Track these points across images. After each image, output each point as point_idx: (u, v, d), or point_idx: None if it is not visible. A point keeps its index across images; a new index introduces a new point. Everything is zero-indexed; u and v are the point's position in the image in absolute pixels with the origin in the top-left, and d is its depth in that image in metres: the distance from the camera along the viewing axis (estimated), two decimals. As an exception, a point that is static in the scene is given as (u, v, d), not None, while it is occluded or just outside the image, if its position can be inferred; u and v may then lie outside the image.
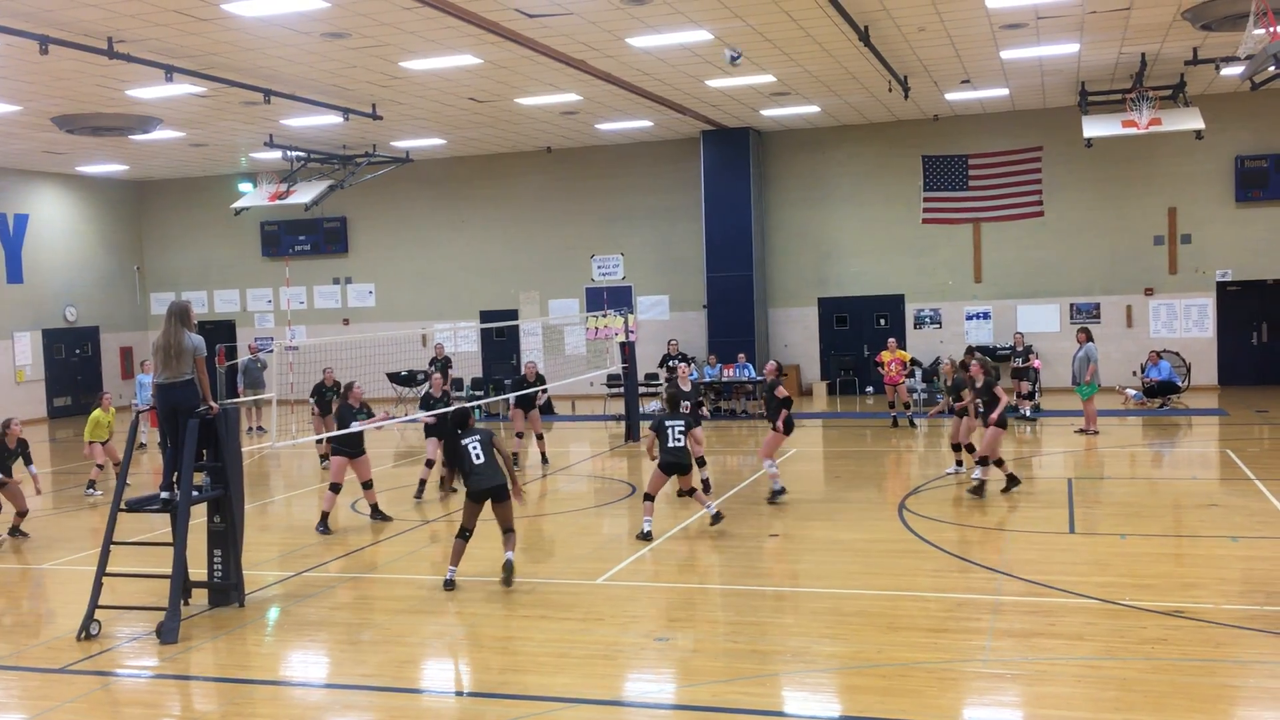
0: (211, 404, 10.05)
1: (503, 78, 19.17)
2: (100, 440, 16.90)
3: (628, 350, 21.31)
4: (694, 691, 7.83)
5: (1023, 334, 22.84)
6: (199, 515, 10.56)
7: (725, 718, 7.36)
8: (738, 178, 26.20)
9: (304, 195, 24.39)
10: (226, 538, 10.27)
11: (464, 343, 29.04)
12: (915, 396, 23.26)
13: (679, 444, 12.32)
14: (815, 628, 9.04)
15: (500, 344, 28.98)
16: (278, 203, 24.63)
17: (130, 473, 11.12)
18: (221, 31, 15.31)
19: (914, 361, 21.85)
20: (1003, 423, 13.86)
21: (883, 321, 26.69)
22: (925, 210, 26.02)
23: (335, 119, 21.24)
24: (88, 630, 9.44)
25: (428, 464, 15.44)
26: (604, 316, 24.26)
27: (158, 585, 10.01)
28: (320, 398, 17.92)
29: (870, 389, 26.36)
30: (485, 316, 28.83)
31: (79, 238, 30.17)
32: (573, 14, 15.21)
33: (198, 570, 10.47)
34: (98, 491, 16.88)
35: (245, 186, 26.63)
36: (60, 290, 29.47)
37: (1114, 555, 10.96)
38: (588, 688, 7.89)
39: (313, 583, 11.20)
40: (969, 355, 21.65)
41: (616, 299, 27.39)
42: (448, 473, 11.33)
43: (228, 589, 10.30)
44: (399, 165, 26.35)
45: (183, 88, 18.34)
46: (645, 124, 24.91)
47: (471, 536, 10.62)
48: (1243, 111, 23.77)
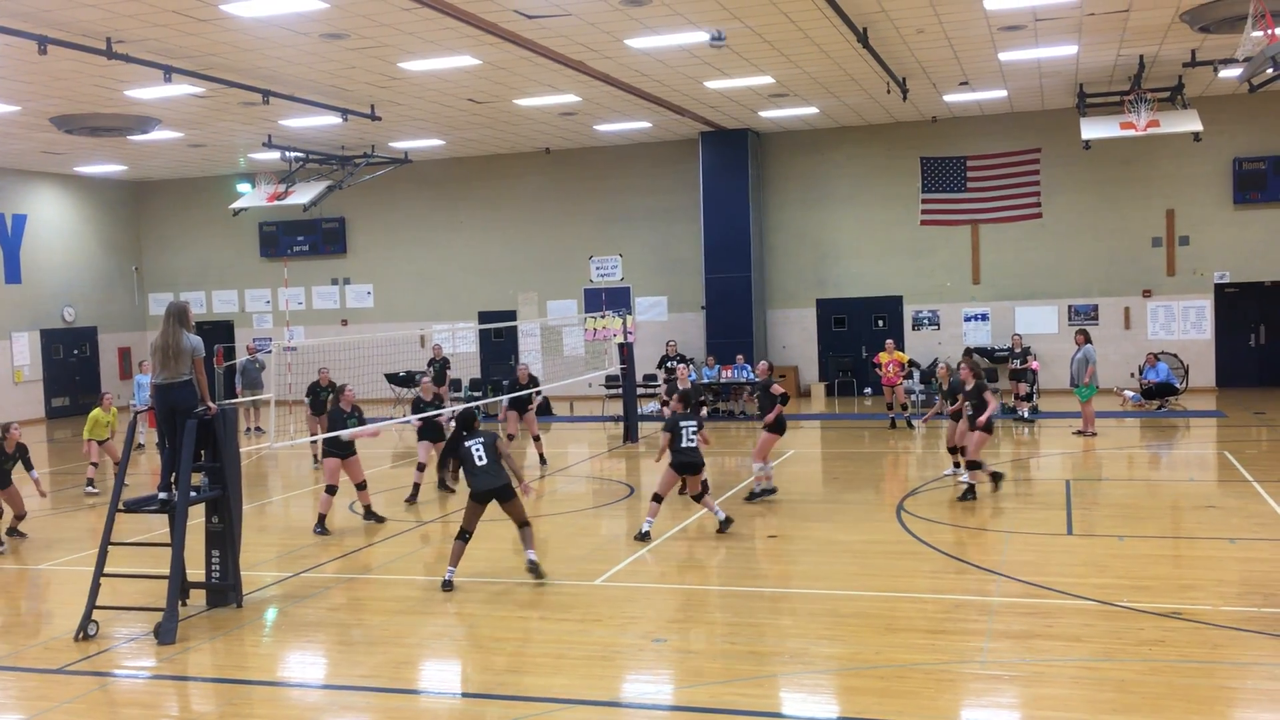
0: (210, 404, 10.05)
1: (501, 79, 19.17)
2: (99, 439, 16.94)
3: (626, 351, 21.30)
4: (692, 693, 7.83)
5: (1021, 335, 22.84)
6: (197, 516, 10.56)
7: (723, 719, 7.36)
8: (736, 179, 26.20)
9: (302, 196, 24.39)
10: (224, 538, 10.27)
11: (462, 344, 29.03)
12: (913, 398, 23.27)
13: (692, 444, 12.37)
14: (813, 629, 9.05)
15: (499, 345, 28.98)
16: (276, 203, 24.63)
17: (128, 473, 11.12)
18: (220, 32, 15.31)
19: (912, 363, 21.86)
20: (989, 427, 13.83)
21: (881, 323, 26.70)
22: (923, 212, 26.03)
23: (334, 120, 21.23)
24: (85, 631, 9.43)
25: (419, 468, 15.42)
26: (602, 318, 24.29)
27: (156, 586, 10.01)
28: (315, 398, 17.92)
29: (868, 390, 26.36)
30: (483, 317, 28.82)
31: (77, 238, 30.15)
32: (571, 15, 15.22)
33: (196, 571, 10.47)
34: (95, 490, 16.96)
35: (244, 187, 26.63)
36: (58, 290, 29.45)
37: (1112, 557, 10.96)
38: (586, 689, 7.89)
39: (311, 583, 11.20)
40: (966, 357, 21.74)
41: (615, 300, 27.41)
42: (450, 472, 11.34)
43: (226, 590, 10.30)
44: (397, 166, 26.35)
45: (181, 88, 18.34)
46: (644, 125, 24.91)
47: (471, 538, 10.63)
48: (1241, 113, 23.79)
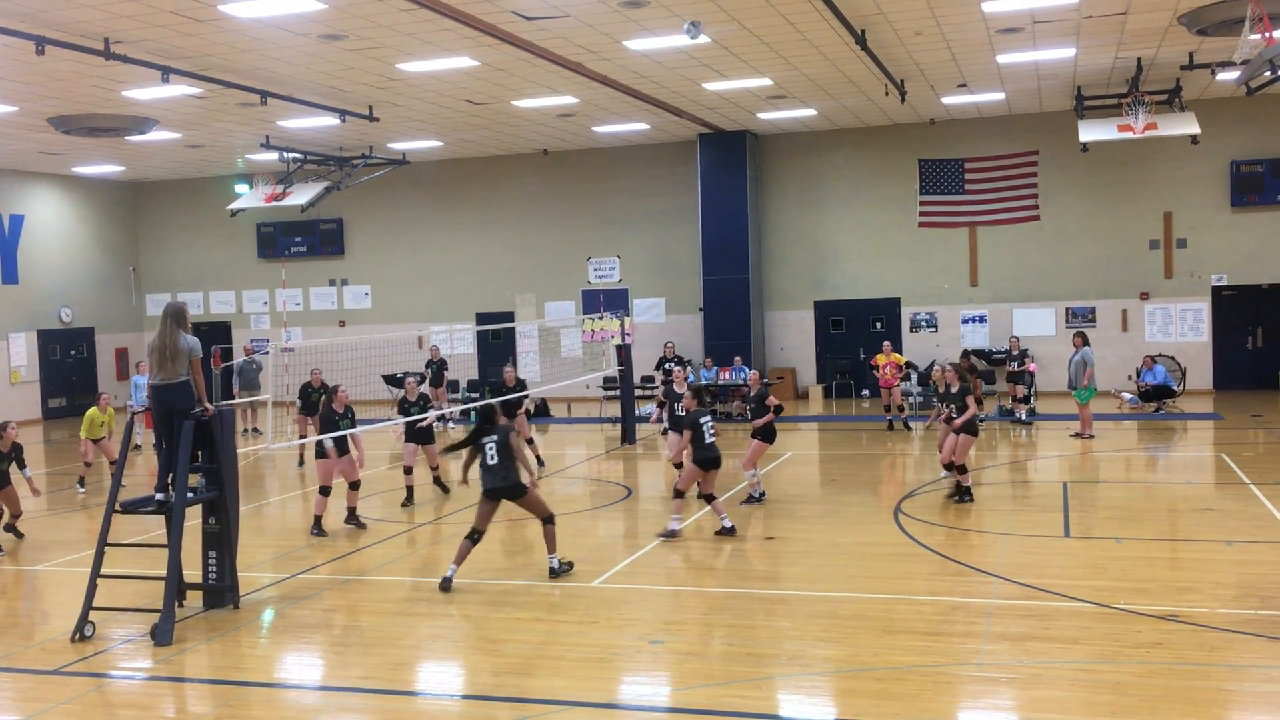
0: (207, 405, 10.04)
1: (499, 80, 19.17)
2: (95, 438, 16.97)
3: (624, 353, 21.31)
4: (689, 695, 7.82)
5: (1018, 338, 22.84)
6: (194, 517, 10.54)
7: (720, 721, 7.37)
8: (734, 181, 26.21)
9: (300, 197, 24.38)
10: (221, 539, 10.26)
11: (460, 345, 29.03)
12: (910, 400, 23.28)
13: (713, 439, 12.46)
14: (810, 631, 9.04)
15: (496, 346, 28.96)
16: (274, 204, 24.62)
17: (125, 474, 11.11)
18: (218, 33, 15.30)
19: (909, 365, 21.89)
20: (973, 430, 13.82)
21: (879, 325, 26.72)
22: (921, 214, 26.05)
23: (332, 121, 21.23)
24: (82, 632, 9.42)
25: (406, 470, 15.37)
26: (600, 319, 24.27)
27: (152, 587, 9.99)
28: (306, 399, 17.90)
29: (866, 392, 26.37)
30: (481, 319, 28.81)
31: (74, 238, 30.13)
32: (570, 16, 15.22)
33: (192, 572, 10.46)
34: (84, 489, 17.10)
35: (241, 188, 26.60)
36: (55, 291, 29.43)
37: (1109, 559, 10.97)
38: (583, 690, 7.88)
39: (308, 585, 11.19)
40: (964, 359, 21.77)
41: (613, 301, 27.40)
42: (462, 466, 11.40)
43: (222, 591, 10.28)
44: (395, 167, 26.34)
45: (179, 89, 18.33)
46: (642, 127, 24.92)
47: (481, 539, 10.68)
48: (1238, 116, 23.82)
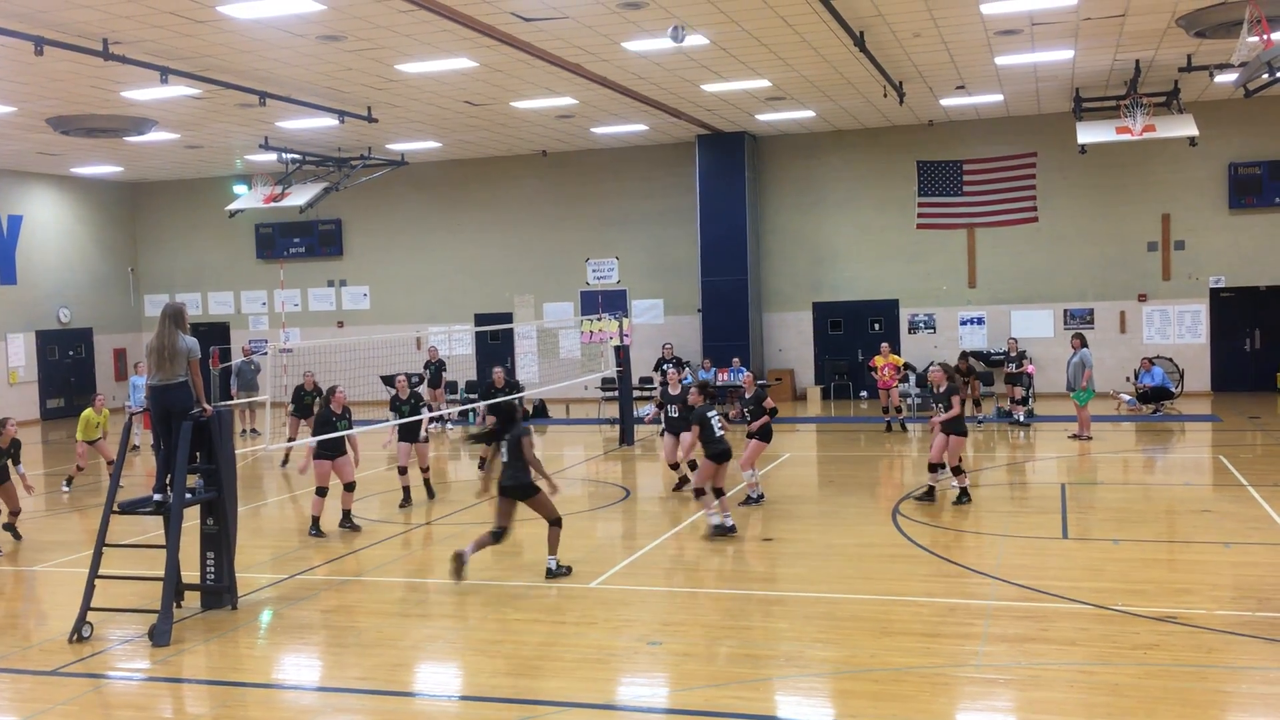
0: (205, 406, 10.04)
1: (498, 81, 19.18)
2: (90, 440, 16.94)
3: (622, 354, 21.31)
4: (687, 696, 7.82)
5: (1016, 339, 22.85)
6: (192, 518, 10.54)
7: (718, 722, 7.37)
8: (733, 182, 26.22)
9: (299, 198, 24.37)
10: (219, 540, 10.25)
11: (458, 346, 29.02)
12: (908, 401, 23.29)
13: (721, 432, 12.52)
14: (808, 632, 9.04)
15: (495, 347, 28.96)
16: (272, 205, 24.61)
17: (123, 475, 11.11)
18: (217, 33, 15.30)
19: (907, 366, 21.89)
20: (962, 431, 13.82)
21: (877, 326, 26.72)
22: (920, 215, 26.06)
23: (330, 121, 21.23)
24: (80, 632, 9.41)
25: (401, 470, 15.37)
26: (598, 320, 24.25)
27: (150, 588, 9.99)
28: (299, 402, 17.89)
29: (864, 393, 26.38)
30: (480, 320, 28.81)
31: (73, 239, 30.12)
32: (568, 18, 15.22)
33: (190, 573, 10.46)
34: (68, 489, 17.21)
35: (240, 189, 26.57)
36: (54, 291, 29.42)
37: (1107, 560, 10.97)
38: (581, 691, 7.88)
39: (305, 586, 11.18)
40: (962, 360, 21.80)
41: (611, 303, 27.41)
42: (486, 460, 11.47)
43: (220, 591, 10.28)
44: (394, 168, 26.35)
45: (178, 89, 18.33)
46: (640, 128, 24.93)
47: (504, 537, 10.77)
48: (1236, 118, 23.84)
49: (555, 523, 10.93)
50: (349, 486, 13.69)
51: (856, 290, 26.83)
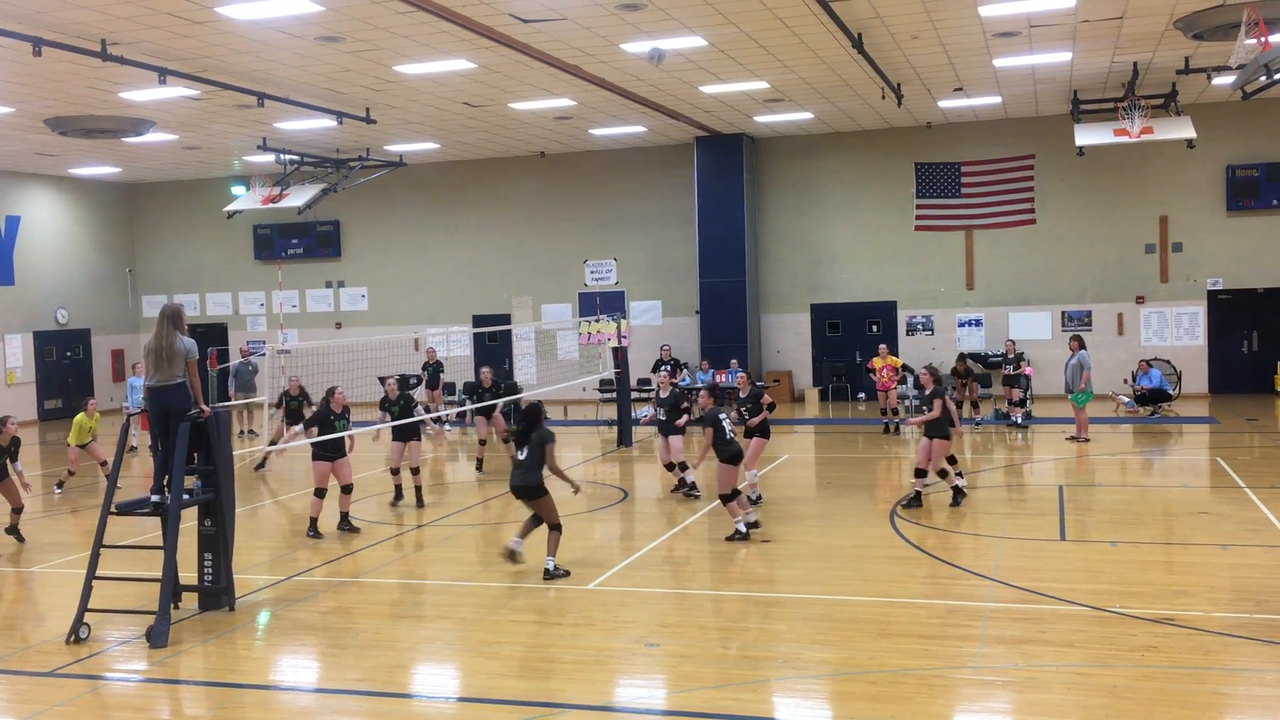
0: (203, 407, 10.04)
1: (497, 82, 19.18)
2: (82, 444, 16.94)
3: (620, 355, 21.30)
4: (685, 697, 7.82)
5: (1014, 341, 22.87)
6: (189, 519, 10.54)
7: (716, 724, 7.37)
8: (731, 183, 26.22)
9: (297, 199, 24.35)
10: (217, 541, 10.25)
11: (456, 347, 29.02)
12: (907, 403, 23.29)
13: (732, 434, 12.56)
14: (806, 634, 9.04)
15: (493, 348, 28.96)
16: (270, 206, 24.58)
17: (121, 476, 11.10)
18: (215, 34, 15.30)
19: (905, 368, 21.90)
20: (945, 435, 13.78)
21: (875, 328, 26.74)
22: (918, 217, 26.07)
23: (329, 122, 21.22)
24: (77, 634, 9.41)
25: (393, 471, 15.35)
26: (597, 321, 24.27)
27: (147, 589, 9.98)
28: (285, 406, 17.92)
29: (862, 395, 26.38)
30: (478, 321, 28.81)
31: (71, 240, 30.10)
32: (567, 19, 15.23)
33: (188, 574, 10.46)
34: (60, 490, 17.28)
35: (238, 189, 26.55)
36: (51, 292, 29.39)
37: (1104, 562, 10.98)
38: (578, 693, 7.88)
39: (303, 587, 11.18)
40: (960, 363, 21.79)
41: (609, 304, 27.41)
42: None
43: (218, 593, 10.27)
44: (392, 169, 26.33)
45: (176, 90, 18.32)
46: (639, 129, 24.93)
47: (536, 525, 11.11)
48: (1234, 121, 23.87)
49: (555, 528, 11.01)
50: (346, 489, 13.68)
51: (854, 292, 26.84)
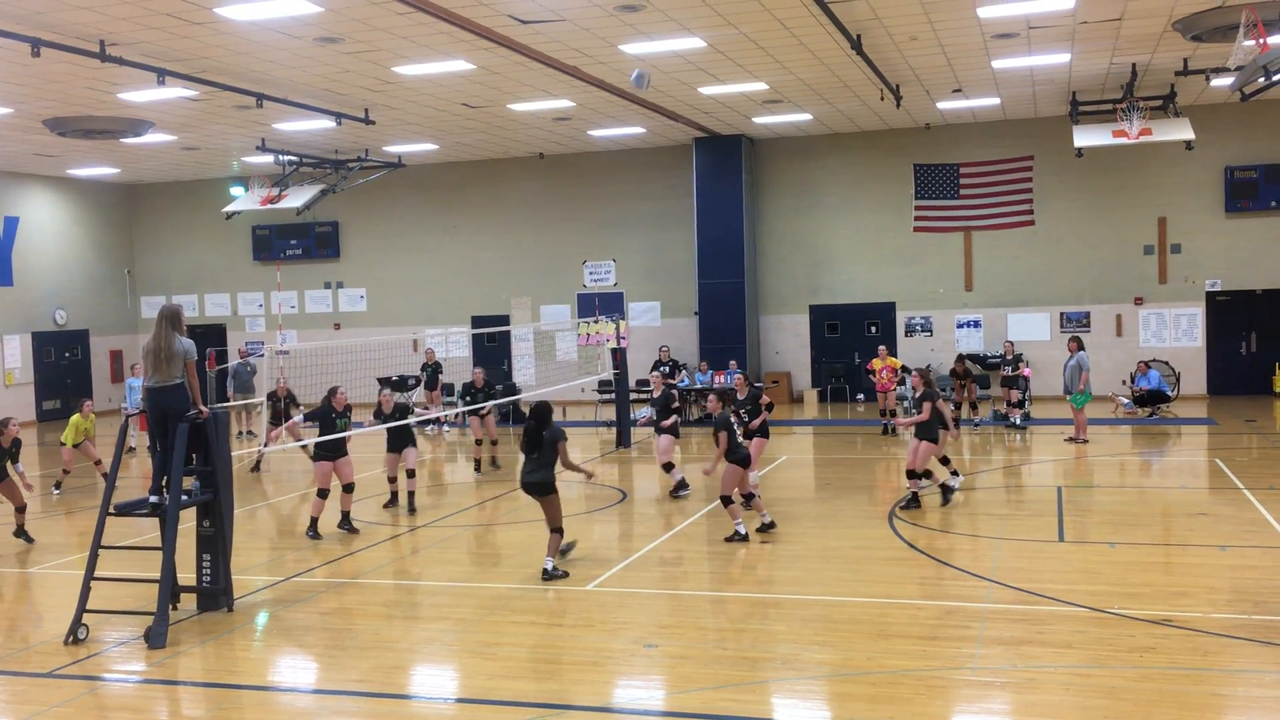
0: (201, 408, 10.04)
1: (495, 83, 19.18)
2: (76, 444, 16.95)
3: (619, 356, 21.30)
4: (684, 698, 7.82)
5: (1013, 342, 22.90)
6: (188, 519, 10.53)
7: (714, 725, 7.37)
8: (730, 185, 26.22)
9: (296, 199, 24.35)
10: (215, 542, 10.25)
11: (455, 348, 29.01)
12: (905, 404, 23.28)
13: (741, 437, 12.63)
14: (805, 635, 9.04)
15: (492, 349, 28.95)
16: (269, 207, 24.59)
17: (119, 476, 11.09)
18: (214, 35, 15.30)
19: (904, 369, 21.90)
20: (933, 438, 13.77)
21: (874, 329, 26.74)
22: (916, 218, 26.07)
23: (328, 123, 21.22)
24: (75, 634, 9.40)
25: (390, 479, 15.35)
26: (595, 322, 24.22)
27: (146, 590, 9.98)
28: (273, 409, 17.93)
29: (861, 396, 26.38)
30: (477, 322, 28.81)
31: (69, 240, 30.08)
32: (566, 20, 15.23)
33: (186, 575, 10.45)
34: (59, 491, 17.30)
35: (237, 190, 26.54)
36: (50, 293, 29.38)
37: (1103, 564, 10.99)
38: (577, 694, 7.89)
39: (302, 588, 11.18)
40: (959, 364, 21.79)
41: (608, 305, 27.40)
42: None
43: (216, 594, 10.27)
44: (391, 170, 26.31)
45: (175, 91, 18.32)
46: (638, 130, 24.93)
47: (562, 532, 11.29)
48: (1232, 122, 23.88)
49: (556, 530, 11.05)
50: (348, 488, 13.68)
51: (853, 293, 26.84)
